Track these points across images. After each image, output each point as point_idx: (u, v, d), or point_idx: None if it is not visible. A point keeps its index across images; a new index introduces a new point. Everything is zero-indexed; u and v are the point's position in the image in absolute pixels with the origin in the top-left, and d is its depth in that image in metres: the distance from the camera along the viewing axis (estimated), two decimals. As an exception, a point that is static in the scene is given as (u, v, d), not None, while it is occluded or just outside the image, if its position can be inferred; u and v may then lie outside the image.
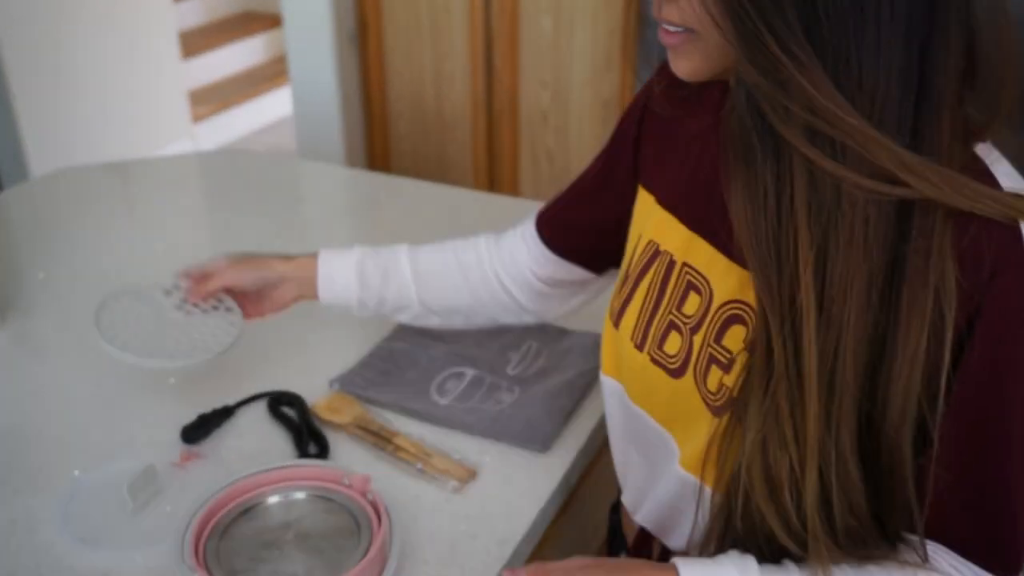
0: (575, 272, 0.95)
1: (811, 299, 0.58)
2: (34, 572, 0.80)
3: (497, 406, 1.00)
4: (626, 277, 0.81)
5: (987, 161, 0.61)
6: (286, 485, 0.84)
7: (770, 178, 0.58)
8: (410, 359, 1.08)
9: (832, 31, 0.55)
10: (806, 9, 0.55)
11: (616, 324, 0.81)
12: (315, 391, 1.02)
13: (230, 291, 1.00)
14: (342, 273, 0.98)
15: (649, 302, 0.77)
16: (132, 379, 1.05)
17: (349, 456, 0.93)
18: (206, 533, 0.78)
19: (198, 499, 0.84)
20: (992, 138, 0.64)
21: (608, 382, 0.84)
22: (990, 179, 0.60)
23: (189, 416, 0.98)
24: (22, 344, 1.14)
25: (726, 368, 0.69)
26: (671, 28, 0.63)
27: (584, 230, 0.94)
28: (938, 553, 0.62)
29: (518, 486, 0.89)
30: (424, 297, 0.98)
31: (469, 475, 0.90)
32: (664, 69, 0.72)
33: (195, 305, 0.98)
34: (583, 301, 0.99)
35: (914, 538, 0.62)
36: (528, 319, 1.02)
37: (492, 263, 0.99)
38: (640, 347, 0.77)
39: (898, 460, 0.60)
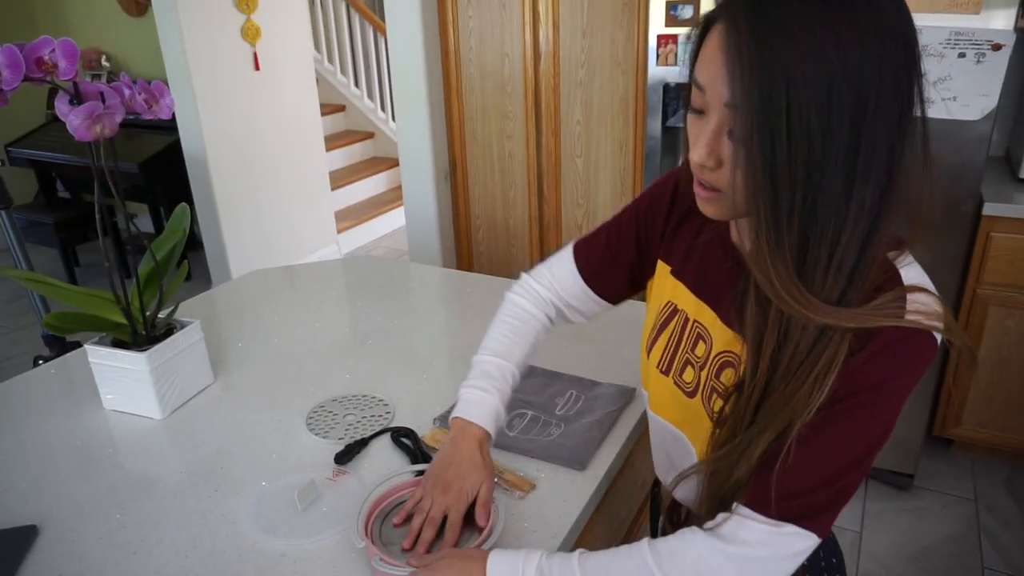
0: (601, 304, 0.90)
1: (767, 368, 0.62)
2: (234, 550, 0.81)
3: (548, 437, 0.98)
4: (654, 324, 0.81)
5: (898, 264, 0.61)
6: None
7: (771, 313, 0.61)
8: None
9: (816, 223, 0.55)
10: (805, 210, 0.54)
11: (648, 354, 0.81)
12: (423, 426, 1.02)
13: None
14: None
15: (672, 343, 0.78)
16: (301, 420, 1.06)
17: (447, 473, 0.92)
18: (372, 518, 0.80)
19: (347, 503, 0.85)
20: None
21: (643, 392, 0.85)
22: (895, 280, 0.60)
23: (339, 446, 0.99)
24: (227, 392, 1.15)
25: (723, 396, 0.69)
26: (705, 189, 0.62)
27: (616, 276, 0.88)
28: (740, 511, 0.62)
29: (564, 495, 0.88)
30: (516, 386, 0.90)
31: (530, 487, 0.89)
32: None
33: None
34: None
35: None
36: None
37: (546, 306, 0.91)
38: (665, 373, 0.78)
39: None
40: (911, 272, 0.62)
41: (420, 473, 0.87)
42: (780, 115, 0.52)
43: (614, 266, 0.87)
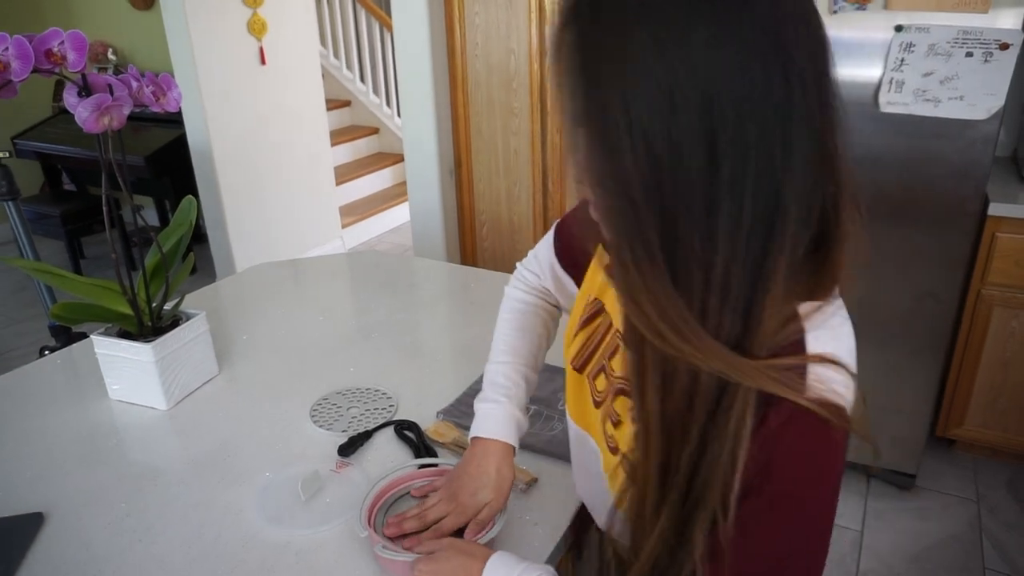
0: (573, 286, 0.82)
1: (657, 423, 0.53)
2: (239, 540, 0.82)
3: (551, 432, 0.99)
4: (580, 316, 0.74)
5: (809, 326, 0.51)
6: (424, 476, 0.85)
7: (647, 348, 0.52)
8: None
9: (685, 249, 0.47)
10: (666, 230, 0.47)
11: (568, 343, 0.75)
12: (427, 420, 1.03)
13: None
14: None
15: (592, 343, 0.72)
16: (306, 412, 1.08)
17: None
18: (375, 509, 0.81)
19: (350, 494, 0.86)
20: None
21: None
22: (797, 346, 0.50)
23: (342, 438, 1.00)
24: (232, 383, 1.16)
25: (615, 423, 0.64)
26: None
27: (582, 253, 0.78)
28: None
29: (566, 488, 0.88)
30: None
31: (533, 480, 0.89)
32: None
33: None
34: None
35: None
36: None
37: (543, 292, 0.89)
38: (579, 370, 0.72)
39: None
40: (821, 337, 0.50)
41: (424, 466, 0.88)
42: (618, 128, 0.46)
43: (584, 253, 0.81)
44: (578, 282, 0.80)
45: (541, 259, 0.89)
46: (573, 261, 0.82)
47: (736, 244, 0.47)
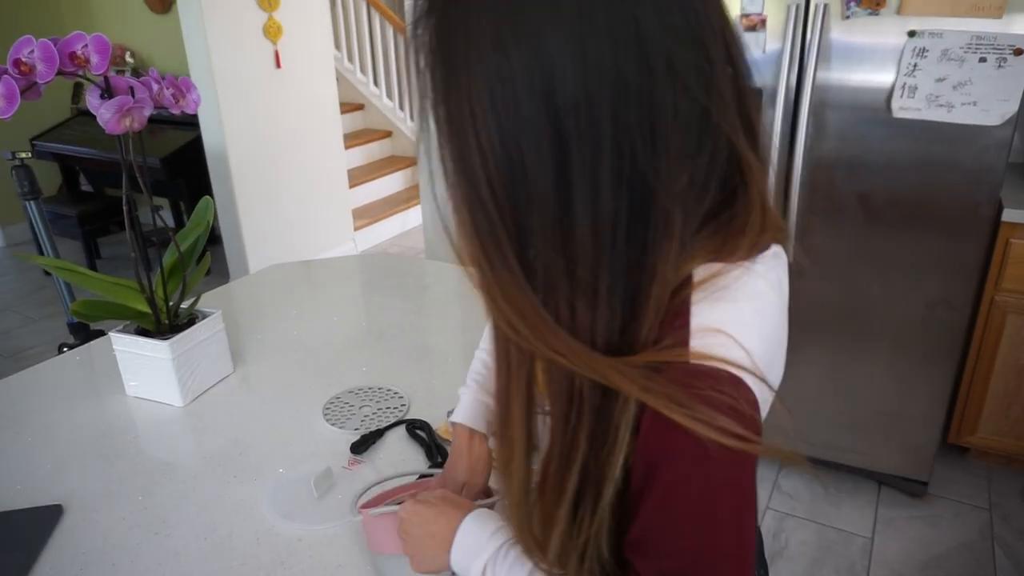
0: None
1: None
2: (252, 534, 0.83)
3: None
4: None
5: (695, 297, 0.47)
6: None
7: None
8: (501, 398, 1.09)
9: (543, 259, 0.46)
10: (516, 227, 0.46)
11: None
12: (438, 419, 1.04)
13: None
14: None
15: None
16: (318, 410, 1.09)
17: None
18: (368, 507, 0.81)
19: (361, 490, 0.88)
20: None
21: None
22: (681, 318, 0.47)
23: (355, 436, 1.01)
24: (246, 381, 1.18)
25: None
26: None
27: None
28: None
29: None
30: None
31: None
32: None
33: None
34: None
35: None
36: None
37: None
38: None
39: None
40: (710, 311, 0.47)
41: (423, 476, 0.89)
42: (464, 121, 0.45)
43: None
44: None
45: None
46: None
47: (600, 239, 0.45)
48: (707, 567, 0.48)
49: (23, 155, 1.87)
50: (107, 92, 0.92)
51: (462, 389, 0.85)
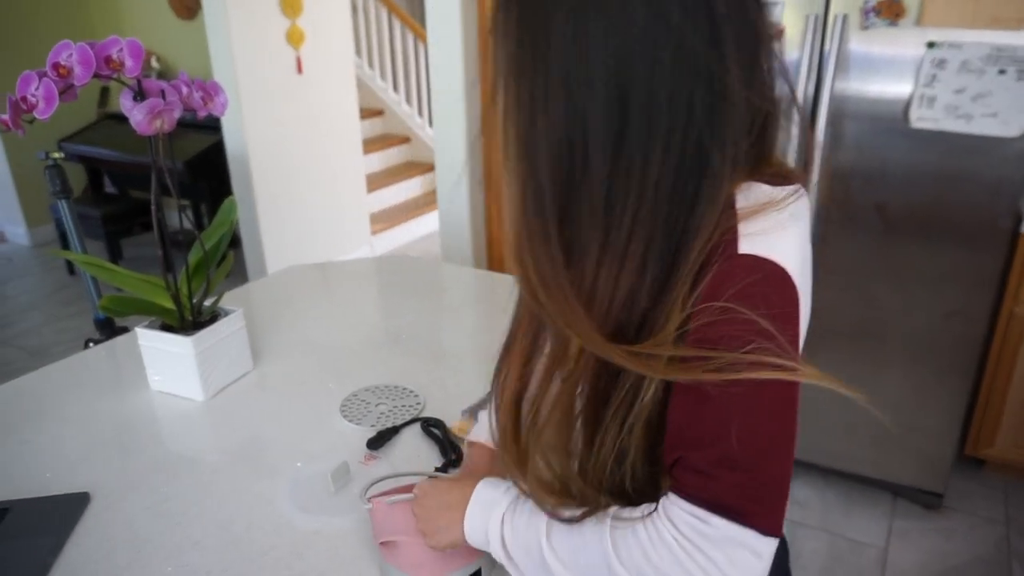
0: None
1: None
2: (271, 526, 0.85)
3: None
4: None
5: (744, 226, 0.51)
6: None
7: None
8: (515, 399, 1.11)
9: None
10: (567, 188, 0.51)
11: None
12: (452, 417, 1.05)
13: None
14: None
15: None
16: (336, 407, 1.11)
17: (473, 462, 0.95)
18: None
19: (369, 482, 0.89)
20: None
21: None
22: (728, 250, 0.51)
23: (371, 432, 1.03)
24: (265, 378, 1.20)
25: None
26: None
27: None
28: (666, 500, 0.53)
29: None
30: None
31: None
32: None
33: None
34: None
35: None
36: None
37: None
38: None
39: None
40: (755, 243, 0.51)
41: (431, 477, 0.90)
42: (536, 103, 0.50)
43: None
44: None
45: None
46: None
47: (645, 205, 0.50)
48: (748, 450, 0.50)
49: (56, 156, 1.92)
50: (139, 95, 0.95)
51: (483, 413, 0.86)
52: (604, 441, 0.56)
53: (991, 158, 1.68)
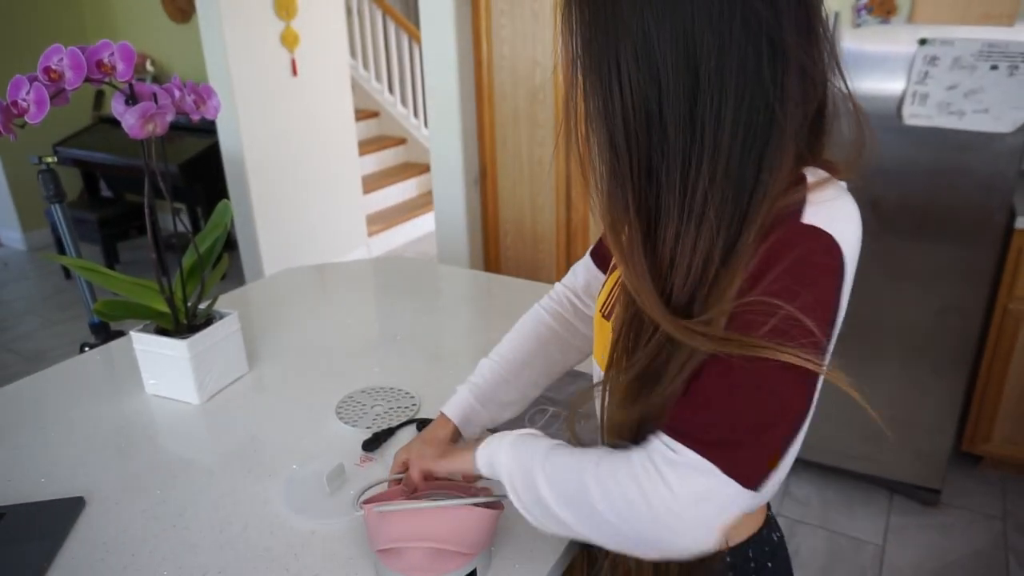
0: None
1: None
2: (266, 527, 0.85)
3: (567, 432, 0.96)
4: (610, 265, 0.80)
5: (813, 199, 0.56)
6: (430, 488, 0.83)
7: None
8: (510, 399, 1.11)
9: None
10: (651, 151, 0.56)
11: (599, 306, 0.79)
12: (447, 418, 1.07)
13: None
14: (469, 425, 0.89)
15: (615, 291, 0.73)
16: (331, 409, 1.11)
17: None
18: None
19: (363, 488, 0.89)
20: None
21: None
22: (793, 212, 0.55)
23: (366, 434, 1.03)
24: (261, 381, 1.20)
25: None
26: None
27: None
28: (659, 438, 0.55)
29: None
30: (520, 386, 0.91)
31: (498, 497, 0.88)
32: None
33: None
34: None
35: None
36: (587, 350, 0.93)
37: (561, 305, 0.92)
38: (606, 317, 0.74)
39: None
40: (819, 212, 0.56)
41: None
42: (611, 78, 0.55)
43: None
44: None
45: (577, 270, 0.94)
46: (605, 256, 0.89)
47: (718, 169, 0.54)
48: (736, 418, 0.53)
49: (48, 160, 1.92)
50: (131, 98, 0.95)
51: (459, 386, 0.91)
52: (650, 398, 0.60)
53: (984, 154, 1.69)
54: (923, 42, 1.66)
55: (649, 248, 0.59)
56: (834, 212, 0.56)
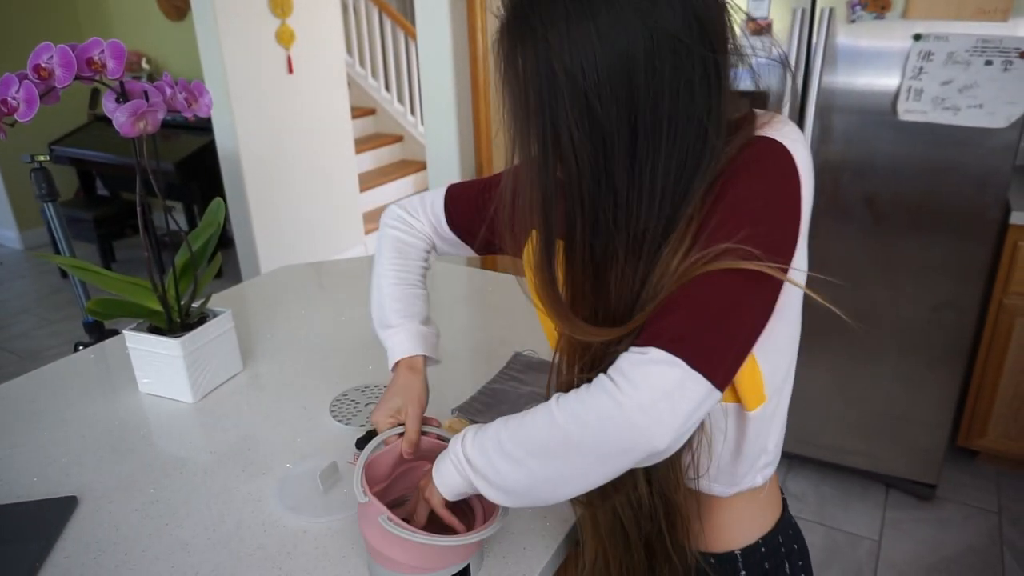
0: (463, 248, 0.94)
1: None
2: (259, 526, 0.85)
3: None
4: None
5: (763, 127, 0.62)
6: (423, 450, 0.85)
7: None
8: (505, 395, 1.10)
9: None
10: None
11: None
12: (443, 416, 1.05)
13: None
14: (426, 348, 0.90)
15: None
16: (325, 407, 1.11)
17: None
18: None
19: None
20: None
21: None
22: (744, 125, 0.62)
23: (360, 432, 1.03)
24: (255, 379, 1.20)
25: None
26: None
27: (479, 230, 0.89)
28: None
29: None
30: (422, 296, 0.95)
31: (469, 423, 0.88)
32: None
33: None
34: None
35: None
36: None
37: (424, 239, 0.96)
38: None
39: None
40: (771, 131, 0.62)
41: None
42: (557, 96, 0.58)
43: (477, 221, 0.90)
44: (469, 244, 0.92)
45: (435, 216, 0.95)
46: (464, 226, 0.91)
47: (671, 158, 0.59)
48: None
49: (41, 158, 1.92)
50: (122, 96, 0.95)
51: (386, 332, 0.88)
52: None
53: (979, 149, 1.69)
54: (917, 38, 1.66)
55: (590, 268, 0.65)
56: (784, 132, 0.62)
